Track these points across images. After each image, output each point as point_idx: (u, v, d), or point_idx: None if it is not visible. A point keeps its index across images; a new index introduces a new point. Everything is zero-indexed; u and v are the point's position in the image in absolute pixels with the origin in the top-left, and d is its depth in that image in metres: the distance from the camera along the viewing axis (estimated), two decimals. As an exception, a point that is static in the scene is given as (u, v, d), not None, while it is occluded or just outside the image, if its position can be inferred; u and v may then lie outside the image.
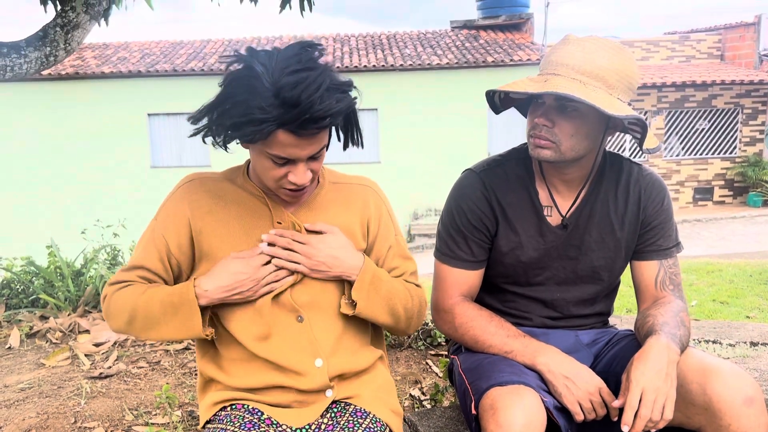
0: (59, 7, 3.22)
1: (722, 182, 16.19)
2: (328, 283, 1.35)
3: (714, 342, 2.39)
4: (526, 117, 1.60)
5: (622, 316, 2.84)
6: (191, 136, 1.26)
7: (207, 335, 1.31)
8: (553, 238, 1.58)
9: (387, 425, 1.33)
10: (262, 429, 1.27)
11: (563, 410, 1.41)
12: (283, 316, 1.33)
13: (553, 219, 1.59)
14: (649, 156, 15.77)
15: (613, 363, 1.53)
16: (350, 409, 1.32)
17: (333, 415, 1.32)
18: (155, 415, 2.18)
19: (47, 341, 3.10)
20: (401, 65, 14.55)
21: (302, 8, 3.67)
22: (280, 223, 1.34)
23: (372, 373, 1.43)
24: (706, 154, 16.16)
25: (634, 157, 15.03)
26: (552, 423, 1.36)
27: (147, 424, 2.10)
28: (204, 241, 1.33)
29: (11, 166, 14.58)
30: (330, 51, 15.33)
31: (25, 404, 2.30)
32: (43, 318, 3.39)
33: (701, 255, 8.90)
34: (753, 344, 2.34)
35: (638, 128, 1.48)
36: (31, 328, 3.23)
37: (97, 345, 3.01)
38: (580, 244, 1.59)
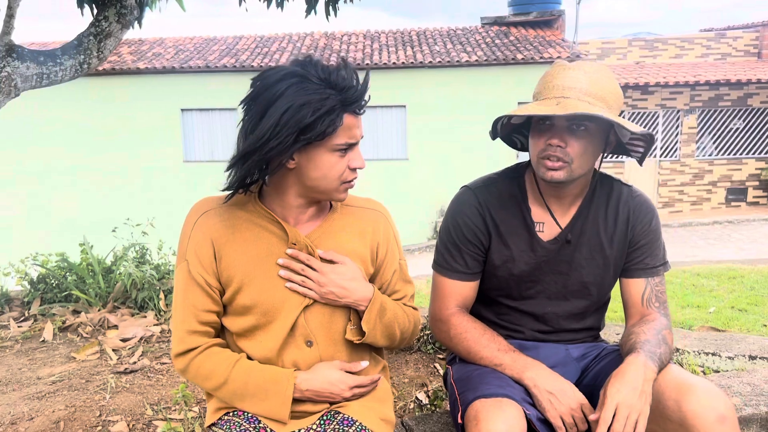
0: (95, 11, 3.38)
1: (756, 183, 15.85)
2: (338, 309, 1.44)
3: (713, 354, 2.43)
4: (510, 147, 1.77)
5: (622, 325, 2.88)
6: (249, 169, 1.29)
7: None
8: (544, 253, 1.67)
9: None
10: None
11: (546, 422, 1.49)
12: (294, 340, 1.42)
13: (545, 235, 1.67)
14: (682, 156, 15.56)
15: (598, 378, 1.60)
16: (338, 418, 1.39)
17: (322, 422, 1.40)
18: (174, 411, 2.31)
19: (78, 335, 3.28)
20: (430, 62, 14.53)
21: (327, 13, 3.77)
22: (294, 244, 1.40)
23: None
24: (740, 153, 15.83)
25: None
26: (535, 434, 1.44)
27: (166, 419, 2.23)
28: (224, 271, 1.39)
29: (47, 162, 14.98)
30: (360, 48, 15.34)
31: (55, 397, 2.47)
32: (75, 312, 3.56)
33: (729, 259, 8.78)
34: (752, 358, 2.37)
35: (642, 143, 1.60)
36: (63, 322, 3.41)
37: (124, 340, 3.17)
38: (571, 260, 1.67)
